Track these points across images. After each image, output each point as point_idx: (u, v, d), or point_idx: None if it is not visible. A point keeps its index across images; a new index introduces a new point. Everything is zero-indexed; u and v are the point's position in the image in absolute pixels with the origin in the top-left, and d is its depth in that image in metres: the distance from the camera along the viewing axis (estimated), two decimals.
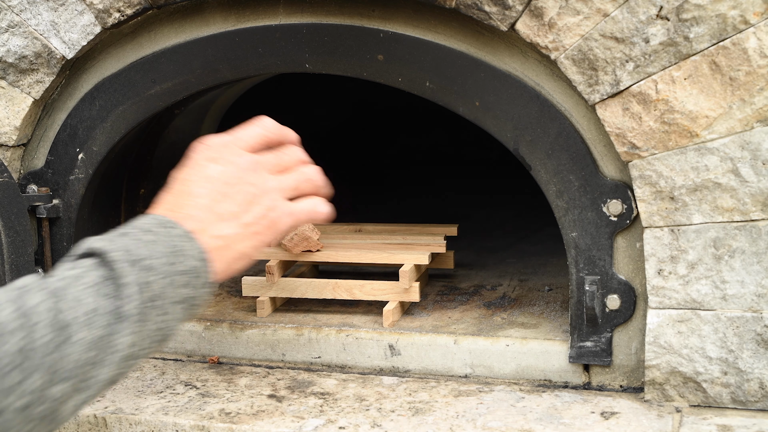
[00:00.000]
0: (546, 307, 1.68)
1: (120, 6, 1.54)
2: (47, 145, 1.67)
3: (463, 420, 1.36)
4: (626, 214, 1.40)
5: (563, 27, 1.35)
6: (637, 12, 1.30)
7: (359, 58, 1.49)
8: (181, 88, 1.58)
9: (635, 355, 1.44)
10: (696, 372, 1.36)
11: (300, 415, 1.39)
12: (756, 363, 1.34)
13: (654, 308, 1.38)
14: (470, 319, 1.63)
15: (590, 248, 1.42)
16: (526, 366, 1.51)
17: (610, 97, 1.35)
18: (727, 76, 1.28)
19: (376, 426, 1.35)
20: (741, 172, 1.30)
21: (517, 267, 1.96)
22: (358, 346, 1.58)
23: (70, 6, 1.55)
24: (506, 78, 1.43)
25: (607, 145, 1.40)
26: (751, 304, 1.33)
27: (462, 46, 1.45)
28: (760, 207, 1.31)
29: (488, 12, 1.38)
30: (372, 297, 1.65)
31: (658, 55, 1.31)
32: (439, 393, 1.46)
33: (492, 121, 1.45)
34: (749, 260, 1.32)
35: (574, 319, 1.45)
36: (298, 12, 1.52)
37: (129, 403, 1.47)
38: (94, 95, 1.62)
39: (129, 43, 1.61)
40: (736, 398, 1.36)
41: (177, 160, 1.85)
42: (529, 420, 1.35)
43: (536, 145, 1.43)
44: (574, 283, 1.44)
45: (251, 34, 1.53)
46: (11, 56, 1.59)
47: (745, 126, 1.29)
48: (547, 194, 1.44)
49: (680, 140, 1.32)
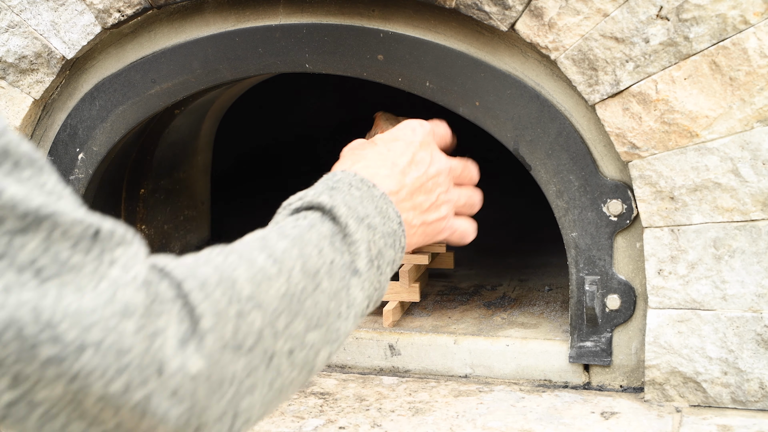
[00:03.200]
0: (546, 307, 1.68)
1: (120, 6, 1.54)
2: (47, 146, 1.67)
3: (463, 420, 1.36)
4: (626, 214, 1.40)
5: (563, 27, 1.35)
6: (637, 12, 1.30)
7: (359, 58, 1.49)
8: (181, 88, 1.58)
9: (635, 355, 1.44)
10: (696, 372, 1.36)
11: (300, 415, 1.39)
12: (756, 363, 1.34)
13: (654, 308, 1.38)
14: (470, 319, 1.63)
15: (590, 248, 1.42)
16: (526, 366, 1.51)
17: (610, 97, 1.35)
18: (727, 76, 1.28)
19: (376, 426, 1.35)
20: (741, 172, 1.30)
21: (517, 267, 1.96)
22: (358, 345, 1.58)
23: (70, 6, 1.55)
24: (506, 78, 1.43)
25: (607, 145, 1.40)
26: (751, 304, 1.33)
27: (462, 46, 1.45)
28: (760, 207, 1.31)
29: (488, 12, 1.38)
30: None
31: (658, 55, 1.31)
32: (439, 393, 1.46)
33: (492, 121, 1.45)
34: (749, 260, 1.32)
35: (574, 319, 1.45)
36: (298, 12, 1.52)
37: None
38: (94, 95, 1.62)
39: (129, 43, 1.61)
40: (736, 398, 1.36)
41: (177, 160, 1.88)
42: (529, 420, 1.35)
43: (536, 145, 1.43)
44: (574, 283, 1.44)
45: (251, 34, 1.53)
46: (11, 56, 1.59)
47: (745, 126, 1.29)
48: (547, 194, 1.44)
49: (680, 140, 1.32)
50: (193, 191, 2.01)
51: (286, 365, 0.90)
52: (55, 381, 0.69)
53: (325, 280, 0.96)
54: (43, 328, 0.67)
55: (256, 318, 0.85)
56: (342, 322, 1.01)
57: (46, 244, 0.69)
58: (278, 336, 0.88)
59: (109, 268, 0.73)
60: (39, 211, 0.69)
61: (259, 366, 0.85)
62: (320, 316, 0.95)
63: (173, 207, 1.94)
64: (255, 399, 0.85)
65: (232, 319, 0.82)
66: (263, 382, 0.86)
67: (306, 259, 0.94)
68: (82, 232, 0.71)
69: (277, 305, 0.88)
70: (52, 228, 0.70)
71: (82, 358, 0.69)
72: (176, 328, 0.75)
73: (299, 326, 0.91)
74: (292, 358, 0.91)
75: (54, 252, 0.70)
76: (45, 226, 0.69)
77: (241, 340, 0.82)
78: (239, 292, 0.84)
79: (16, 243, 0.67)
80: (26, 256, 0.68)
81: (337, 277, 0.99)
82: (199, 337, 0.77)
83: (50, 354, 0.68)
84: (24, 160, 0.70)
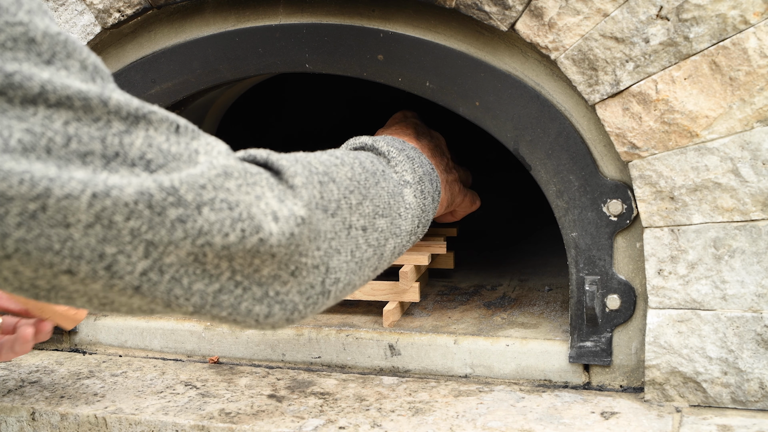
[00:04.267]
0: (546, 307, 1.68)
1: (120, 6, 1.54)
2: None
3: (463, 420, 1.36)
4: (626, 214, 1.40)
5: (563, 27, 1.35)
6: (637, 12, 1.30)
7: (359, 58, 1.49)
8: (181, 88, 1.58)
9: (635, 355, 1.44)
10: (696, 372, 1.37)
11: (300, 415, 1.39)
12: (756, 363, 1.34)
13: (654, 308, 1.38)
14: (470, 319, 1.63)
15: (590, 248, 1.42)
16: (526, 366, 1.51)
17: (610, 97, 1.35)
18: (727, 76, 1.28)
19: (376, 426, 1.35)
20: (741, 172, 1.30)
21: (517, 267, 1.96)
22: (358, 346, 1.58)
23: (70, 6, 1.55)
24: (506, 78, 1.43)
25: (607, 145, 1.40)
26: (751, 304, 1.33)
27: (462, 46, 1.45)
28: (760, 207, 1.31)
29: (488, 12, 1.38)
30: (371, 297, 1.65)
31: (658, 55, 1.31)
32: (439, 393, 1.46)
33: (492, 121, 1.45)
34: (749, 260, 1.32)
35: (574, 319, 1.45)
36: (298, 12, 1.52)
37: (129, 403, 1.47)
38: None
39: (129, 43, 1.61)
40: (736, 398, 1.36)
41: None
42: (529, 420, 1.35)
43: (536, 145, 1.43)
44: (574, 283, 1.44)
45: (251, 34, 1.53)
46: None
47: (745, 126, 1.29)
48: (547, 194, 1.44)
49: (680, 140, 1.32)
50: None
51: (362, 240, 1.00)
52: (182, 242, 0.78)
53: (381, 180, 1.09)
54: (168, 193, 0.76)
55: (333, 189, 0.95)
56: (402, 221, 1.14)
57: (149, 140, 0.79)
58: (352, 210, 0.98)
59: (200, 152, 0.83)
60: (136, 111, 0.79)
61: (341, 232, 0.95)
62: (384, 207, 1.06)
63: None
64: (342, 261, 0.95)
65: (317, 185, 0.92)
66: (346, 249, 0.96)
67: (363, 162, 1.08)
68: (169, 126, 0.82)
69: (348, 185, 0.99)
70: (148, 126, 0.80)
71: (203, 214, 0.78)
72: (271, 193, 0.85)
73: (368, 208, 1.02)
74: (366, 235, 1.01)
75: (156, 145, 0.79)
76: (142, 125, 0.79)
77: (326, 203, 0.93)
78: (316, 167, 0.96)
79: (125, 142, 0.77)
80: (136, 152, 0.77)
81: (392, 182, 1.14)
82: (295, 192, 0.87)
83: (176, 215, 0.77)
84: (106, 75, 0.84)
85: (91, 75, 0.79)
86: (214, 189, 0.79)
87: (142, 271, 0.76)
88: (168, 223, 0.76)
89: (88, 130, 0.74)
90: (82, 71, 0.78)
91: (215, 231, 0.78)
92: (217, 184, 0.79)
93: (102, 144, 0.75)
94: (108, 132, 0.76)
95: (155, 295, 0.78)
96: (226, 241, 0.79)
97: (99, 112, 0.75)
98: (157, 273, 0.77)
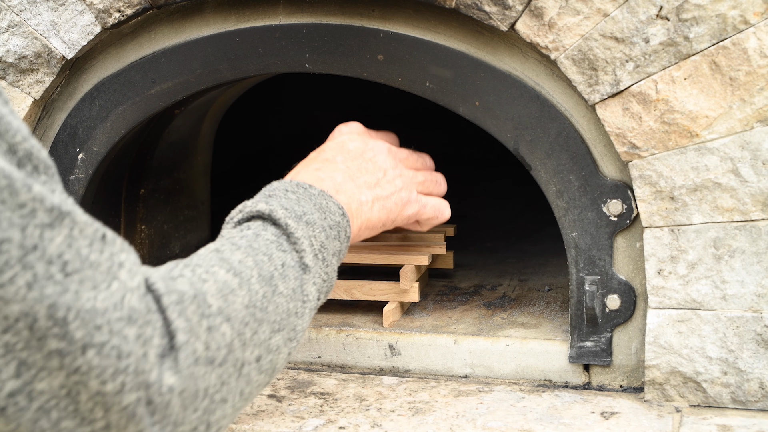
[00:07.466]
0: (546, 307, 1.68)
1: (120, 6, 1.54)
2: (47, 145, 1.67)
3: (463, 420, 1.36)
4: (626, 214, 1.40)
5: (563, 27, 1.35)
6: (637, 12, 1.30)
7: (359, 58, 1.49)
8: (181, 88, 1.58)
9: (635, 355, 1.44)
10: (696, 372, 1.37)
11: (300, 415, 1.39)
12: (756, 363, 1.34)
13: (654, 308, 1.38)
14: (470, 319, 1.63)
15: (590, 248, 1.42)
16: (526, 366, 1.51)
17: (610, 97, 1.35)
18: (727, 76, 1.29)
19: (376, 426, 1.35)
20: (741, 172, 1.30)
21: (517, 267, 1.96)
22: (358, 346, 1.58)
23: (70, 6, 1.55)
24: (506, 78, 1.43)
25: (607, 145, 1.40)
26: (751, 304, 1.33)
27: (462, 46, 1.45)
28: (760, 207, 1.31)
29: (488, 12, 1.38)
30: (371, 297, 1.65)
31: (658, 55, 1.31)
32: (439, 393, 1.46)
33: (492, 121, 1.45)
34: (749, 260, 1.32)
35: (574, 319, 1.45)
36: (298, 12, 1.52)
37: None
38: (94, 95, 1.62)
39: (129, 43, 1.61)
40: (736, 398, 1.36)
41: (177, 160, 1.88)
42: (529, 420, 1.35)
43: (536, 145, 1.43)
44: (574, 283, 1.44)
45: (251, 34, 1.53)
46: (11, 56, 1.59)
47: (745, 126, 1.29)
48: (547, 194, 1.44)
49: (680, 140, 1.32)
50: (193, 191, 2.02)
51: (255, 372, 0.93)
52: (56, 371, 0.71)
53: (280, 283, 0.99)
54: (54, 324, 0.70)
55: (226, 331, 0.87)
56: (299, 320, 1.05)
57: (70, 240, 0.73)
58: (246, 345, 0.90)
59: (119, 270, 0.77)
60: (61, 207, 0.73)
61: (230, 377, 0.88)
62: (281, 318, 0.98)
63: (173, 207, 1.94)
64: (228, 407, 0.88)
65: (203, 334, 0.85)
66: (235, 392, 0.89)
67: (261, 267, 0.98)
68: (94, 233, 0.76)
69: (244, 316, 0.91)
70: (72, 225, 0.74)
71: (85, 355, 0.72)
72: (158, 341, 0.78)
73: (264, 332, 0.94)
74: (260, 363, 0.94)
75: (76, 248, 0.73)
76: (67, 222, 0.73)
77: (212, 354, 0.85)
78: (209, 305, 0.87)
79: (46, 236, 0.71)
80: (54, 250, 0.71)
81: (291, 277, 1.03)
82: (174, 353, 0.80)
83: (56, 347, 0.71)
84: (41, 166, 0.75)
85: (20, 161, 0.71)
86: (109, 333, 0.73)
87: (10, 392, 0.70)
88: (45, 350, 0.70)
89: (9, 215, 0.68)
90: (9, 154, 0.70)
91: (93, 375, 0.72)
92: (116, 329, 0.73)
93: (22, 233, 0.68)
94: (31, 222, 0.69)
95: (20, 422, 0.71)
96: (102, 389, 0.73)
97: (24, 197, 0.69)
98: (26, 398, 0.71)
